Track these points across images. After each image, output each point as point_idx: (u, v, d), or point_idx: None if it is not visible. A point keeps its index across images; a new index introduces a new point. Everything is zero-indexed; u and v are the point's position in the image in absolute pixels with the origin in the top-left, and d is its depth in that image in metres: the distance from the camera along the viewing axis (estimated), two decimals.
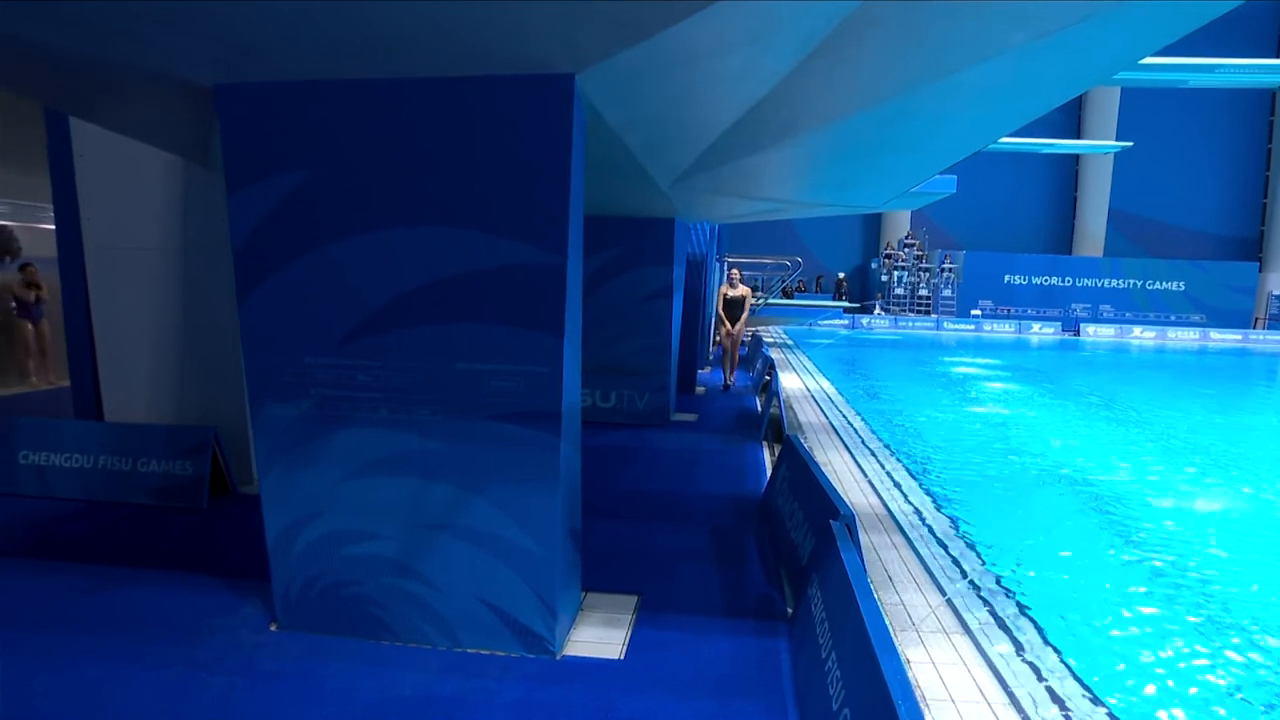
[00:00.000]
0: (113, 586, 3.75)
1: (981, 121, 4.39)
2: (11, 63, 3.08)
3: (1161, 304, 26.96)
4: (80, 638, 3.24)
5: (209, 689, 2.88)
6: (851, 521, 3.41)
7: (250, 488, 5.42)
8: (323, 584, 3.26)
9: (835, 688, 2.52)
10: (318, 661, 3.10)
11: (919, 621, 3.56)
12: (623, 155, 4.22)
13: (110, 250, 5.48)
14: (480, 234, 2.83)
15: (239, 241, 3.01)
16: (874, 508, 5.41)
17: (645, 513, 5.13)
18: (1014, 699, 2.94)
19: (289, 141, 2.89)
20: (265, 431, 3.16)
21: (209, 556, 4.18)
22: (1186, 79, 9.01)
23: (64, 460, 5.18)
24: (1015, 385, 13.10)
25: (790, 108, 3.59)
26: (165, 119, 3.74)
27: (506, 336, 2.89)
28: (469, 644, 3.18)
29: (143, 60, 2.81)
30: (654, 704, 2.83)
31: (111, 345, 5.61)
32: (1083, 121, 27.80)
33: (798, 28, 2.73)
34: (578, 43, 2.46)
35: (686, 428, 7.95)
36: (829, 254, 30.27)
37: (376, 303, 2.95)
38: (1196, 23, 2.67)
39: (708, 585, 3.96)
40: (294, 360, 3.07)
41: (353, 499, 3.14)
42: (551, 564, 3.06)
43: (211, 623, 3.40)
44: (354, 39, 2.47)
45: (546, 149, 2.75)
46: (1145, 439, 8.76)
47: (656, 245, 7.80)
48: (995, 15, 2.60)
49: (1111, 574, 4.62)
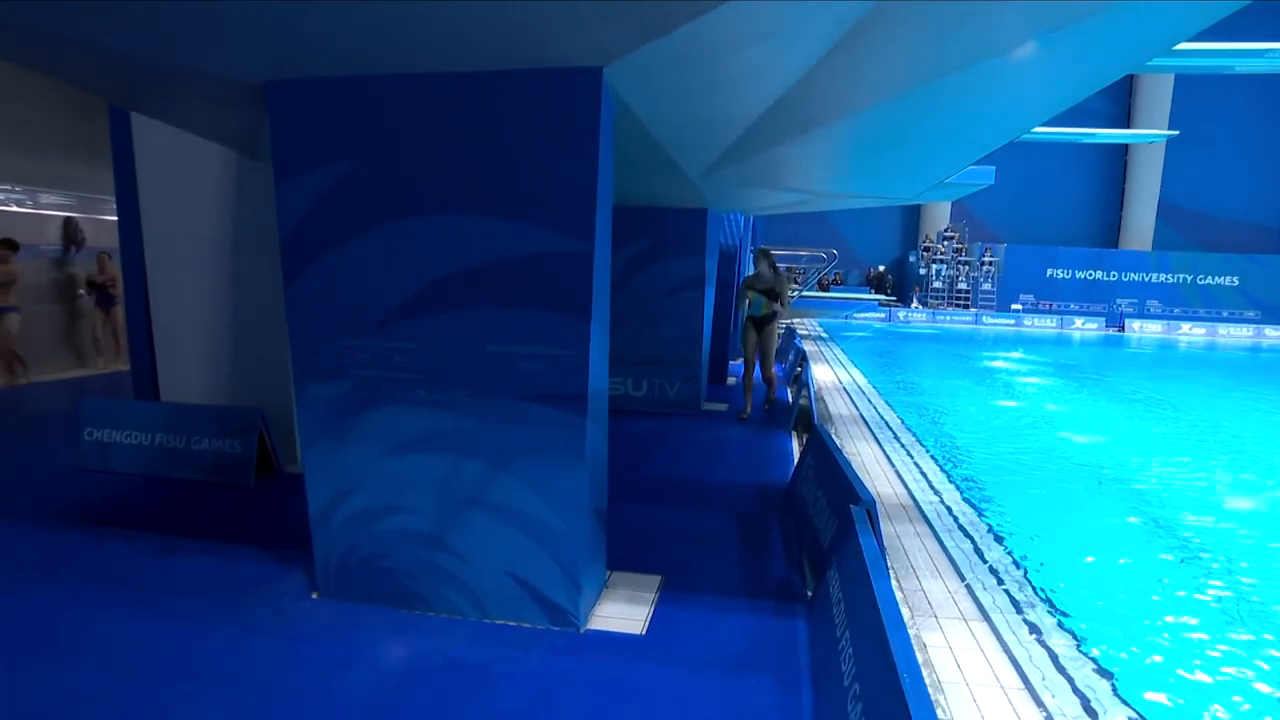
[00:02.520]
0: (172, 554, 4.00)
1: (1010, 112, 4.36)
2: (77, 63, 3.31)
3: (1213, 299, 26.01)
4: (147, 597, 3.48)
5: (258, 648, 3.08)
6: (872, 507, 3.46)
7: (294, 467, 5.66)
8: (360, 555, 3.44)
9: (847, 664, 2.60)
10: (355, 628, 3.28)
11: (938, 607, 3.61)
12: (653, 147, 4.32)
13: (167, 240, 5.76)
14: (512, 222, 2.96)
15: (286, 229, 3.19)
16: (899, 497, 5.44)
17: (673, 498, 5.23)
18: (1029, 684, 2.99)
19: (333, 134, 3.06)
20: (309, 410, 3.35)
21: (255, 529, 4.41)
22: (1233, 64, 8.69)
23: (124, 437, 5.49)
24: (1052, 380, 12.86)
25: (815, 100, 3.64)
26: (217, 114, 3.95)
27: (536, 320, 3.01)
28: (497, 615, 3.33)
29: (198, 60, 2.99)
30: (673, 677, 2.94)
31: (168, 330, 5.90)
32: (1133, 110, 26.92)
33: (814, 23, 2.79)
34: (603, 38, 2.56)
35: (717, 417, 8.03)
36: (866, 246, 29.91)
37: (413, 288, 3.11)
38: (1226, 10, 2.66)
39: (730, 568, 4.05)
40: (336, 342, 3.25)
41: (389, 475, 3.31)
42: (576, 540, 3.19)
43: (259, 589, 3.62)
44: (398, 37, 2.61)
45: (576, 139, 2.86)
46: (1184, 435, 8.57)
47: (689, 236, 7.87)
48: (1011, 8, 2.62)
49: (1141, 568, 4.58)
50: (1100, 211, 28.79)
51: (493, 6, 2.37)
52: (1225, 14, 2.72)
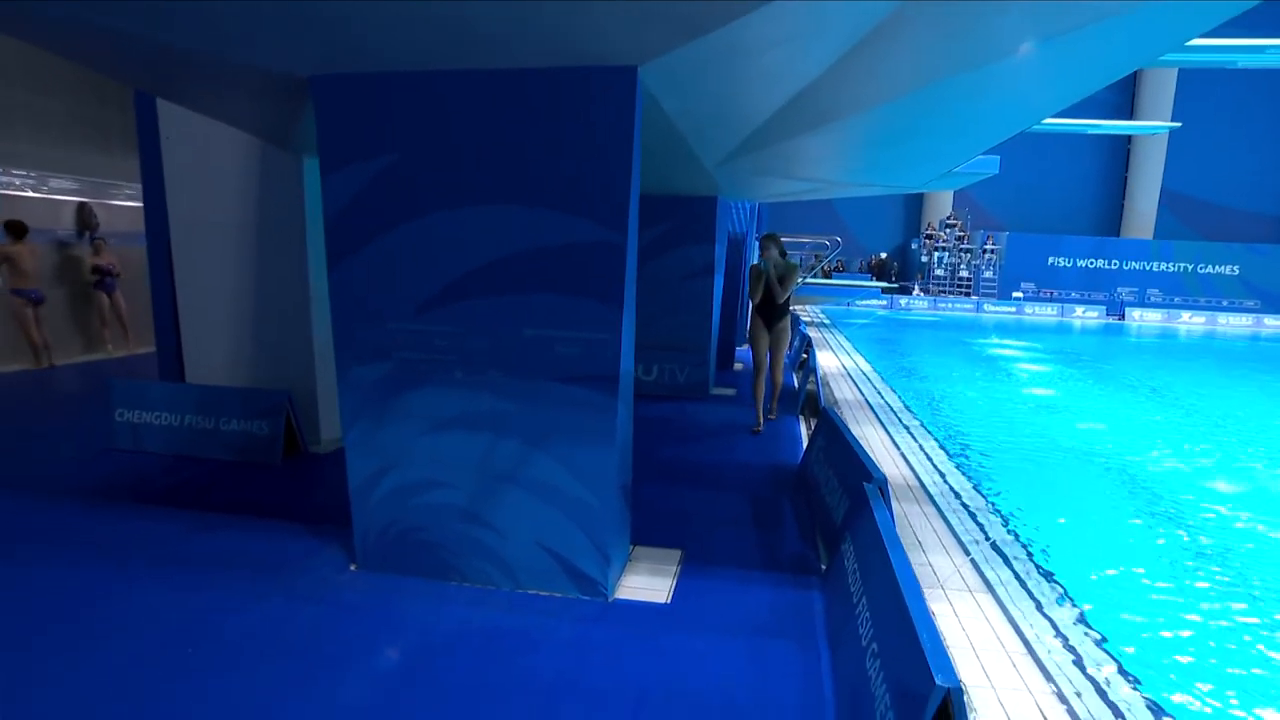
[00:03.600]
0: (211, 530, 4.18)
1: (1016, 107, 4.50)
2: (122, 56, 3.44)
3: (1214, 288, 26.16)
4: (194, 572, 3.65)
5: (304, 617, 3.27)
6: (884, 485, 3.65)
7: (318, 447, 5.85)
8: (398, 529, 3.62)
9: (865, 627, 2.79)
10: (395, 597, 3.46)
11: (944, 579, 3.81)
12: (675, 138, 4.46)
13: (193, 226, 5.90)
14: (549, 212, 3.12)
15: (331, 218, 3.35)
16: (905, 478, 5.63)
17: (687, 479, 5.42)
18: (1030, 648, 3.18)
19: (379, 127, 3.21)
20: (350, 390, 3.52)
21: (288, 507, 4.59)
22: (1235, 60, 8.83)
23: (155, 418, 5.66)
24: (1051, 366, 13.05)
25: (830, 96, 3.78)
26: (254, 104, 4.09)
27: (571, 306, 3.18)
28: (529, 585, 3.51)
29: (247, 55, 3.13)
30: (697, 642, 3.13)
31: (193, 314, 6.05)
32: (1136, 100, 26.95)
33: (837, 25, 2.93)
34: (642, 38, 2.71)
35: (726, 401, 8.21)
36: (869, 234, 30.00)
37: (453, 274, 3.27)
38: (1233, 10, 2.79)
39: (746, 544, 4.24)
40: (378, 326, 3.41)
41: (428, 452, 3.48)
42: (606, 514, 3.37)
43: (299, 563, 3.80)
44: (445, 36, 2.75)
45: (611, 134, 3.01)
46: (1180, 419, 8.76)
47: (700, 223, 8.01)
48: (1020, 13, 2.76)
49: (1136, 544, 4.78)
50: (1103, 200, 28.86)
51: (542, 8, 2.52)
52: (1231, 15, 2.86)
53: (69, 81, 9.98)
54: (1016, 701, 2.81)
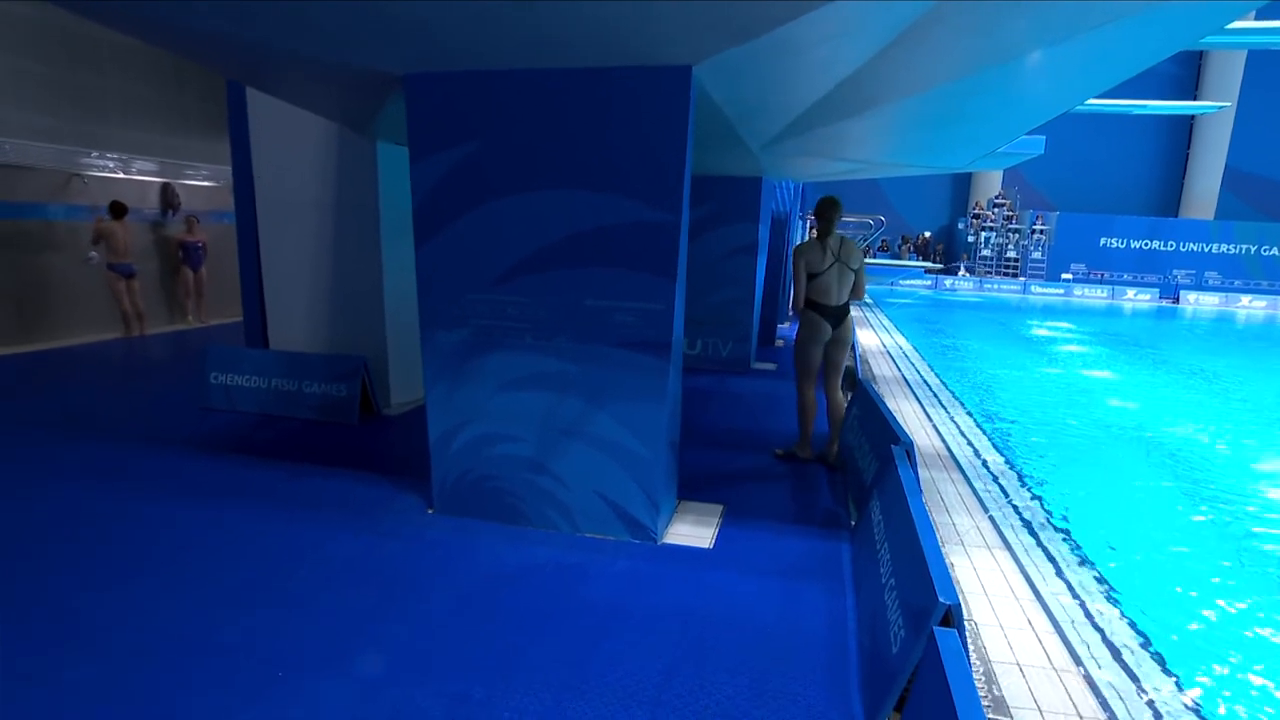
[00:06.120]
0: (303, 478, 4.72)
1: (1061, 90, 4.68)
2: (228, 54, 3.90)
3: (1278, 271, 25.25)
4: (293, 510, 4.19)
5: (393, 549, 3.77)
6: (910, 448, 3.97)
7: (389, 410, 6.39)
8: (473, 477, 4.10)
9: (885, 568, 3.15)
10: (470, 536, 3.94)
11: (964, 535, 4.13)
12: (721, 124, 4.79)
13: (277, 205, 6.44)
14: (611, 196, 3.51)
15: (418, 201, 3.80)
16: (935, 448, 5.92)
17: (728, 444, 5.80)
18: (1039, 595, 3.51)
19: (462, 119, 3.63)
20: (433, 354, 3.99)
21: (368, 460, 5.11)
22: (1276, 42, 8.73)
23: (245, 381, 6.26)
24: (1095, 349, 13.00)
25: (872, 84, 4.05)
26: (343, 97, 4.54)
27: (629, 279, 3.58)
28: (587, 529, 3.96)
29: (346, 55, 3.57)
30: (739, 579, 3.54)
31: (277, 286, 6.62)
32: (1202, 75, 25.94)
33: (882, 21, 3.22)
34: (697, 42, 3.05)
35: (766, 375, 8.55)
36: (915, 213, 29.63)
37: (525, 250, 3.69)
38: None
39: (783, 502, 4.62)
40: (457, 297, 3.86)
41: (500, 409, 3.94)
42: (656, 467, 3.78)
43: (384, 506, 4.30)
44: (523, 39, 3.14)
45: (667, 126, 3.38)
46: (1224, 402, 8.79)
47: (744, 203, 8.30)
48: (1055, 9, 3.01)
49: (1161, 518, 5.01)
50: (1161, 179, 27.94)
51: (608, 17, 2.88)
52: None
53: (151, 68, 10.67)
54: (1021, 640, 3.15)
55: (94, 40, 9.76)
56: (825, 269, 4.94)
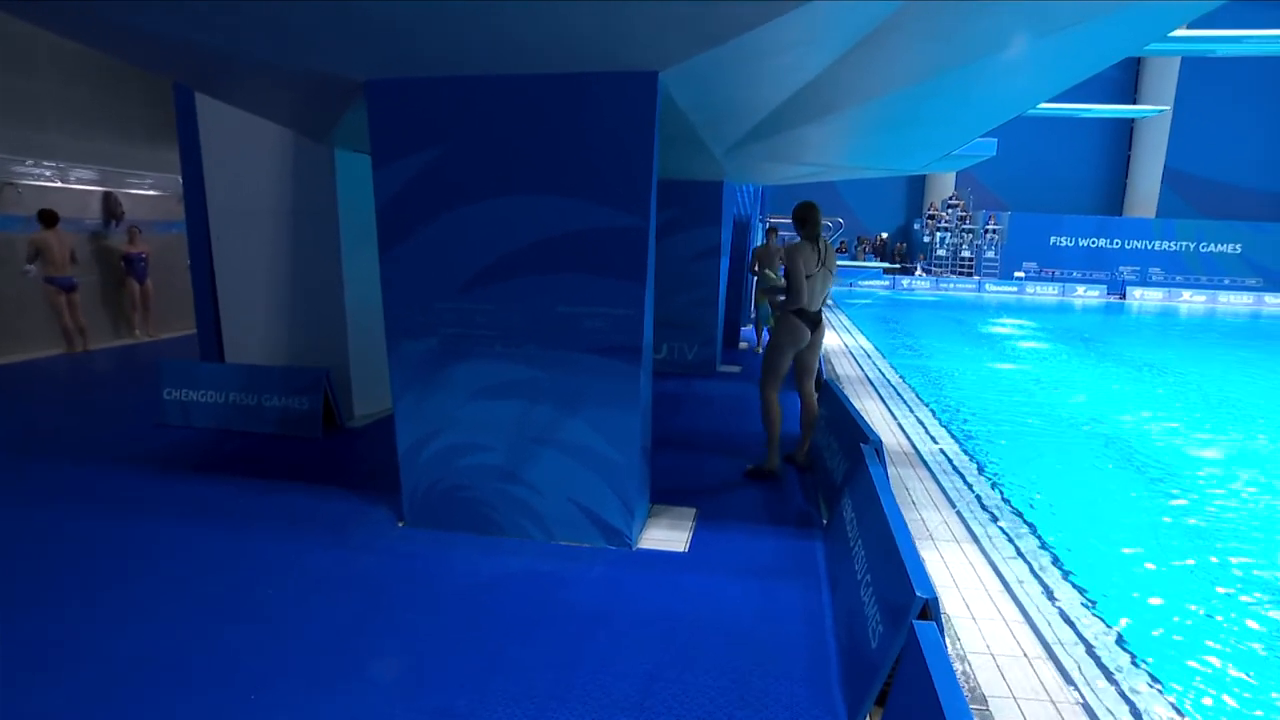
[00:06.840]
0: (268, 494, 4.59)
1: (1013, 95, 4.82)
2: (181, 60, 3.78)
3: (1215, 267, 26.35)
4: (259, 527, 4.07)
5: (364, 563, 3.68)
6: (879, 446, 4.04)
7: (352, 422, 6.26)
8: (443, 487, 4.03)
9: (860, 564, 3.19)
10: (442, 548, 3.87)
11: (933, 530, 4.21)
12: (686, 129, 4.81)
13: (231, 213, 6.27)
14: (579, 201, 3.49)
15: (381, 207, 3.73)
16: (901, 445, 6.03)
17: (698, 447, 5.82)
18: (1008, 586, 3.59)
19: (426, 125, 3.58)
20: (400, 364, 3.92)
21: (333, 474, 4.99)
22: (1214, 49, 9.13)
23: (201, 396, 6.07)
24: (1048, 344, 13.40)
25: (833, 89, 4.12)
26: (300, 104, 4.44)
27: (599, 284, 3.56)
28: (562, 537, 3.92)
29: (308, 61, 3.49)
30: (714, 581, 3.54)
31: (232, 297, 6.44)
32: (1140, 79, 27.01)
33: (847, 26, 3.27)
34: (664, 47, 3.06)
35: (732, 377, 8.61)
36: (872, 215, 30.20)
37: (493, 257, 3.65)
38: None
39: (755, 504, 4.64)
40: (425, 305, 3.80)
41: (470, 418, 3.88)
42: (630, 472, 3.77)
43: (353, 520, 4.21)
44: (488, 44, 3.11)
45: (634, 132, 3.38)
46: (1170, 394, 9.13)
47: (707, 207, 8.36)
48: (1009, 14, 3.10)
49: (1113, 501, 5.17)
50: (1105, 178, 28.98)
51: (575, 21, 2.87)
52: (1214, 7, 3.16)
53: (91, 72, 10.30)
54: (993, 630, 3.22)
55: (29, 41, 9.39)
56: (814, 272, 4.82)
